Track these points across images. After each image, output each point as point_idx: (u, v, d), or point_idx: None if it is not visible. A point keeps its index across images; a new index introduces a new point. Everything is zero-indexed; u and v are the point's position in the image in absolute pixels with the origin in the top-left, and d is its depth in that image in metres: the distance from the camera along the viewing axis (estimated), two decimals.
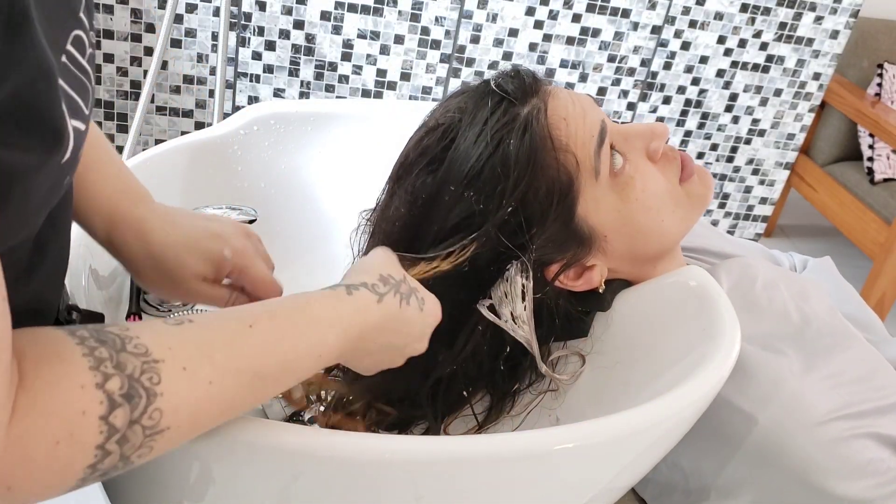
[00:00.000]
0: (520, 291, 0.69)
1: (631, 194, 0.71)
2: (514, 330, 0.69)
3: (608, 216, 0.70)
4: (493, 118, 0.68)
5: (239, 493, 0.56)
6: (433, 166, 0.70)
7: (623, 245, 0.72)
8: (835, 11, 2.14)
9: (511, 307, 0.69)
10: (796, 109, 2.29)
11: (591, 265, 0.72)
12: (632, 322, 0.74)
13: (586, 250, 0.71)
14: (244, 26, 1.95)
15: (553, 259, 0.71)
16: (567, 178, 0.68)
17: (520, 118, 0.68)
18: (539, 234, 0.68)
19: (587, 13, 2.05)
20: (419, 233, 0.69)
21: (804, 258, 1.00)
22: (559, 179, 0.68)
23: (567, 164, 0.68)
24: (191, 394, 0.43)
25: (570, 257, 0.71)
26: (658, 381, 0.67)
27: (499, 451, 0.54)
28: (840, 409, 0.68)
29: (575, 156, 0.68)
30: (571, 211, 0.69)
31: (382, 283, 0.56)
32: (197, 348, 0.44)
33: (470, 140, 0.68)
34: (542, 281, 0.71)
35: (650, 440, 0.60)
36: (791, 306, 0.77)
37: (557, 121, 0.69)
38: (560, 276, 0.71)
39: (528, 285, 0.69)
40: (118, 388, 0.39)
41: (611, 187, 0.70)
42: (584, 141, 0.69)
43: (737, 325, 0.65)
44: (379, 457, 0.51)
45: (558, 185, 0.68)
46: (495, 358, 0.73)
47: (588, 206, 0.70)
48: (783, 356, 0.71)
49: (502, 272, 0.69)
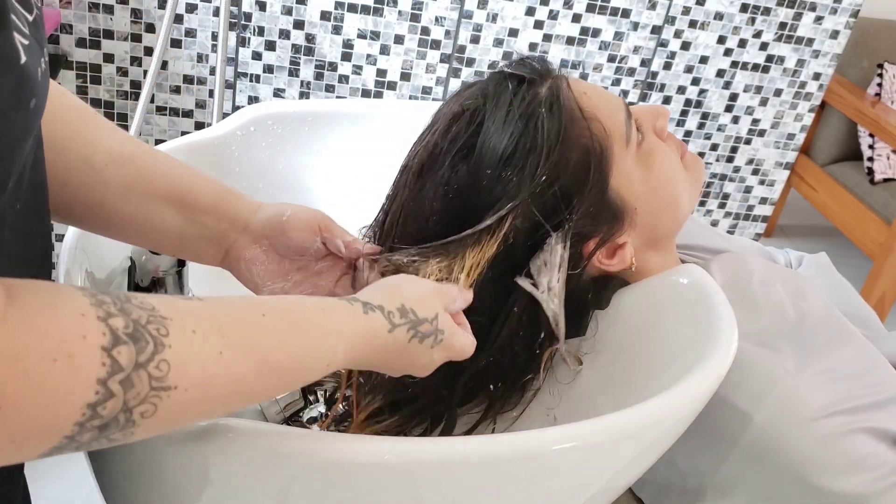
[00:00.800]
0: (558, 261, 0.68)
1: (654, 165, 0.73)
2: (547, 302, 0.69)
3: (638, 188, 0.72)
4: (518, 98, 0.69)
5: (237, 495, 0.56)
6: (464, 152, 0.69)
7: (649, 219, 0.73)
8: (835, 11, 2.14)
9: (549, 277, 0.68)
10: (796, 109, 2.29)
11: (623, 243, 0.73)
12: (629, 321, 0.74)
13: (620, 223, 0.72)
14: (244, 26, 1.95)
15: (591, 234, 0.71)
16: (599, 145, 0.69)
17: (542, 94, 0.69)
18: (578, 205, 0.68)
19: (587, 13, 2.05)
20: (463, 225, 0.68)
21: (800, 254, 1.00)
22: (593, 147, 0.69)
23: (597, 132, 0.69)
24: (201, 356, 0.40)
25: (605, 231, 0.71)
26: (656, 379, 0.67)
27: (497, 451, 0.54)
28: (835, 404, 0.68)
29: (602, 124, 0.69)
30: (606, 180, 0.70)
31: (400, 314, 0.55)
32: (207, 319, 0.42)
33: (499, 121, 0.68)
34: (579, 257, 0.71)
35: (648, 439, 0.60)
36: (787, 303, 0.77)
37: (580, 94, 0.70)
38: (597, 252, 0.71)
39: (565, 255, 0.68)
40: (123, 326, 0.37)
41: (636, 159, 0.72)
42: (613, 110, 0.71)
43: (734, 323, 0.65)
44: (378, 458, 0.51)
45: (593, 153, 0.69)
46: (529, 347, 0.72)
47: (620, 177, 0.71)
48: (778, 353, 0.71)
49: (541, 247, 0.69)
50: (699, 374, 0.61)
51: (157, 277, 0.70)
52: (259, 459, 0.52)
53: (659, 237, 0.75)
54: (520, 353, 0.71)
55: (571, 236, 0.69)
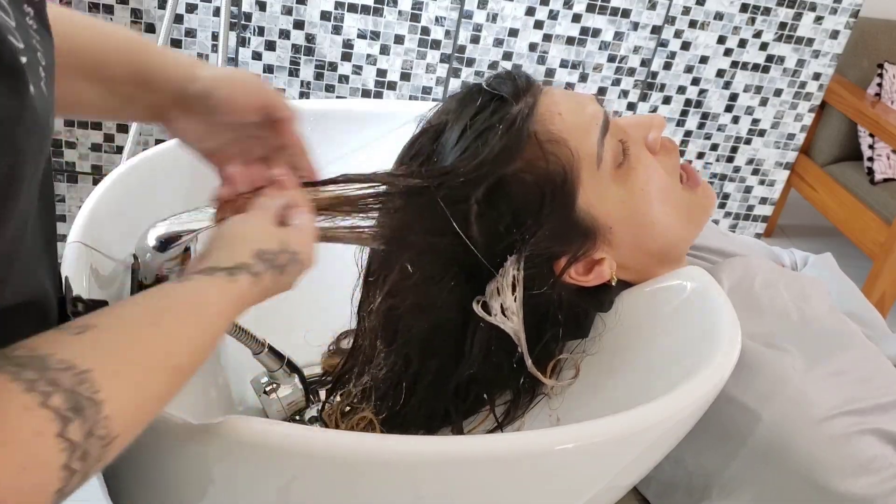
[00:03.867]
0: (510, 282, 0.69)
1: (635, 184, 0.71)
2: (504, 323, 0.69)
3: (613, 207, 0.70)
4: (482, 115, 0.69)
5: (238, 493, 0.56)
6: (424, 165, 0.70)
7: (629, 237, 0.72)
8: (835, 11, 2.14)
9: (501, 300, 0.69)
10: (796, 109, 2.29)
11: (600, 259, 0.72)
12: (632, 323, 0.74)
13: (591, 242, 0.71)
14: (244, 26, 1.95)
15: (560, 253, 0.70)
16: (560, 169, 0.68)
17: (509, 116, 0.68)
18: (535, 227, 0.68)
19: (587, 13, 2.05)
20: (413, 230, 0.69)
21: (805, 255, 1.00)
22: (549, 171, 0.68)
23: (560, 155, 0.68)
24: (128, 397, 0.42)
25: (575, 250, 0.71)
26: (658, 381, 0.67)
27: (499, 451, 0.54)
28: (842, 405, 0.68)
29: (569, 147, 0.68)
30: (570, 202, 0.69)
31: (259, 259, 0.55)
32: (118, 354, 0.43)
33: (454, 137, 0.69)
34: (550, 276, 0.71)
35: (650, 440, 0.60)
36: (791, 307, 0.77)
37: (551, 115, 0.69)
38: (569, 270, 0.71)
39: (518, 276, 0.69)
40: (62, 403, 0.37)
41: (614, 178, 0.71)
42: (585, 131, 0.69)
43: (737, 325, 0.65)
44: (379, 457, 0.51)
45: (549, 177, 0.68)
46: (511, 355, 0.72)
47: (590, 197, 0.70)
48: (786, 353, 0.71)
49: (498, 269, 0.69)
50: (701, 377, 0.61)
51: (161, 276, 0.70)
52: (261, 457, 0.52)
53: (651, 252, 0.74)
54: (502, 363, 0.72)
55: (534, 256, 0.69)
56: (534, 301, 0.70)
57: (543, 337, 0.73)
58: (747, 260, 0.83)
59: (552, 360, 0.74)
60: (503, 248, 0.69)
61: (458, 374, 0.72)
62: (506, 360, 0.72)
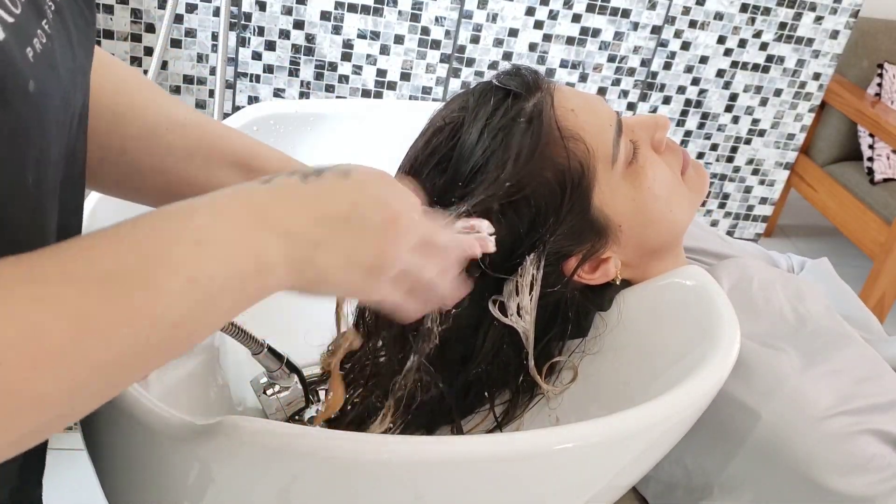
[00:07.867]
0: (529, 282, 0.68)
1: (644, 183, 0.71)
2: (517, 322, 0.69)
3: (624, 205, 0.71)
4: (499, 113, 0.68)
5: (238, 493, 0.56)
6: (442, 166, 0.69)
7: (636, 235, 0.72)
8: (835, 11, 2.14)
9: (518, 300, 0.69)
10: (796, 109, 2.29)
11: (606, 257, 0.72)
12: (631, 322, 0.74)
13: (603, 241, 0.71)
14: (244, 26, 1.95)
15: (571, 251, 0.70)
16: (578, 166, 0.68)
17: (525, 111, 0.68)
18: (555, 225, 0.68)
19: (587, 13, 2.05)
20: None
21: (802, 259, 1.00)
22: (569, 168, 0.68)
23: (577, 151, 0.68)
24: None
25: (587, 249, 0.71)
26: (658, 380, 0.67)
27: (499, 451, 0.54)
28: (840, 404, 0.68)
29: (586, 144, 0.69)
30: (587, 200, 0.69)
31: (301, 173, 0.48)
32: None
33: (474, 136, 0.68)
34: (559, 275, 0.71)
35: (650, 440, 0.60)
36: (787, 307, 0.78)
37: (565, 112, 0.69)
38: (579, 269, 0.71)
39: (537, 275, 0.69)
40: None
41: (624, 176, 0.71)
42: (600, 129, 0.70)
43: (736, 324, 0.65)
44: (379, 457, 0.51)
45: (570, 173, 0.68)
46: (519, 354, 0.72)
47: (604, 196, 0.70)
48: (783, 353, 0.71)
49: (517, 268, 0.69)
50: (700, 376, 0.61)
51: None
52: (261, 457, 0.52)
53: (654, 249, 0.74)
54: (509, 362, 0.72)
55: (548, 255, 0.69)
56: (544, 301, 0.70)
57: (548, 336, 0.73)
58: (743, 261, 0.83)
59: (549, 362, 0.74)
60: (525, 247, 0.68)
61: (467, 372, 0.72)
62: (513, 359, 0.72)
